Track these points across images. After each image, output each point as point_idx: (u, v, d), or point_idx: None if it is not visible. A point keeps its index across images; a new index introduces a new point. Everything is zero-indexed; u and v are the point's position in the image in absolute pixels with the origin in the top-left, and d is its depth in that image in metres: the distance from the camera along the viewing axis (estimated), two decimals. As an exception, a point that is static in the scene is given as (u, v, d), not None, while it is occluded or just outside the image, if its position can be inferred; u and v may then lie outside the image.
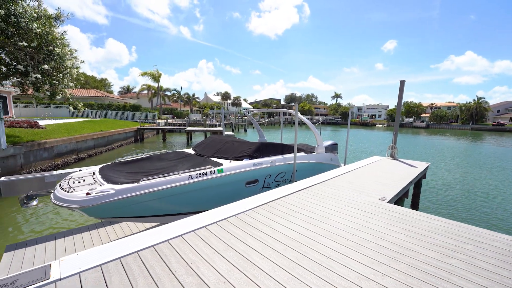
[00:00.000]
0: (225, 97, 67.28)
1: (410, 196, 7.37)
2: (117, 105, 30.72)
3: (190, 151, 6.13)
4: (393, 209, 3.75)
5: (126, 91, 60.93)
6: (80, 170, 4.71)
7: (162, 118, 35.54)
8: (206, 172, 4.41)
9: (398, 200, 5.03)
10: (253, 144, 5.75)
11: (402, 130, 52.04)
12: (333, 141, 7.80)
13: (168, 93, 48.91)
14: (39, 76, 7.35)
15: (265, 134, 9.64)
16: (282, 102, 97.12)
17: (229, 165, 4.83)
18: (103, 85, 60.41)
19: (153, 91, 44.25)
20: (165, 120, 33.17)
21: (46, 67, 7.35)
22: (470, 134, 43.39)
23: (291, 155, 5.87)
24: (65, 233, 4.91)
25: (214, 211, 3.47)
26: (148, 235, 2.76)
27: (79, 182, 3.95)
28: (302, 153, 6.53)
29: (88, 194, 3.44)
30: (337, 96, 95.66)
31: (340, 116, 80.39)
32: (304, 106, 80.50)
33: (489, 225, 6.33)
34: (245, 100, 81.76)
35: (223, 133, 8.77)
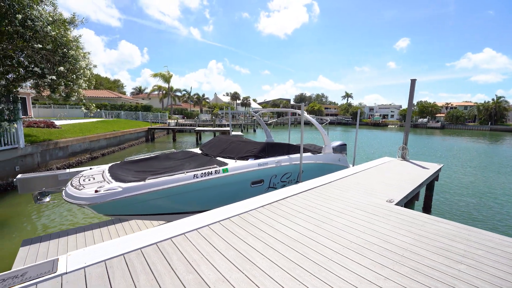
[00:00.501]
0: (235, 97, 67.64)
1: (422, 199, 7.16)
2: (129, 106, 31.53)
3: (197, 151, 6.20)
4: (401, 212, 3.65)
5: (138, 92, 62.46)
6: (91, 169, 4.86)
7: (173, 118, 36.16)
8: (211, 172, 4.45)
9: (408, 203, 4.89)
10: (259, 144, 5.75)
11: (416, 131, 50.53)
12: (342, 142, 7.68)
13: (179, 94, 49.73)
14: (55, 78, 7.65)
15: (274, 135, 9.62)
16: (292, 102, 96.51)
17: (234, 165, 4.85)
18: (116, 86, 62.13)
19: (164, 92, 45.12)
20: (175, 120, 33.75)
21: (62, 69, 7.64)
22: (489, 135, 41.54)
23: (298, 156, 5.82)
24: (77, 229, 5.09)
25: (218, 211, 3.50)
26: (152, 233, 2.81)
27: (89, 180, 4.09)
28: (309, 154, 6.46)
29: (97, 192, 3.55)
30: (348, 96, 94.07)
31: (351, 116, 78.97)
32: (314, 106, 79.63)
33: (505, 233, 6.04)
34: (255, 100, 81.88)
35: (230, 133, 8.82)
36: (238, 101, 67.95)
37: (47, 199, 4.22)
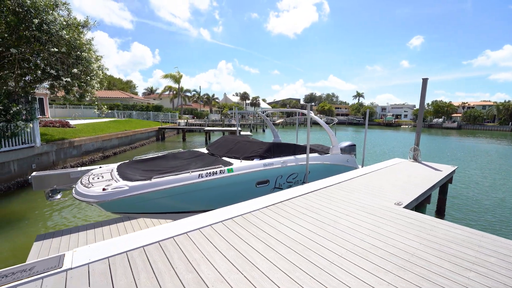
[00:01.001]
0: (244, 97, 67.87)
1: (435, 202, 6.91)
2: (141, 106, 32.28)
3: (204, 151, 6.26)
4: (409, 215, 3.53)
5: (150, 92, 63.82)
6: (100, 167, 5.00)
7: (183, 118, 36.72)
8: (216, 171, 4.47)
9: (419, 206, 4.73)
10: (265, 144, 5.73)
11: (431, 131, 48.90)
12: (351, 142, 7.53)
13: (189, 94, 50.45)
14: (69, 80, 7.95)
15: (282, 135, 9.58)
16: (302, 102, 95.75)
17: (239, 165, 4.85)
18: (129, 87, 63.79)
19: (174, 92, 45.88)
20: (185, 120, 34.23)
21: (75, 71, 7.93)
22: (510, 136, 39.57)
23: (304, 156, 5.76)
24: (88, 226, 5.25)
25: (221, 210, 3.51)
26: (155, 231, 2.85)
27: (98, 179, 4.20)
28: (316, 154, 6.37)
29: (104, 190, 3.64)
30: (359, 96, 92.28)
31: (362, 116, 77.37)
32: (324, 106, 78.64)
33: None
34: (264, 100, 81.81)
35: (237, 133, 8.84)
36: (248, 101, 68.12)
37: (58, 196, 4.38)
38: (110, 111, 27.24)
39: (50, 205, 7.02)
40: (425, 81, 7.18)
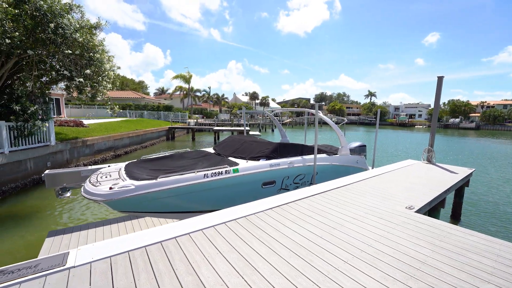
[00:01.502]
0: (253, 97, 67.89)
1: (450, 207, 6.60)
2: (152, 106, 32.91)
3: (210, 150, 6.25)
4: (421, 220, 3.36)
5: (161, 92, 65.04)
6: (109, 166, 5.09)
7: (193, 118, 37.15)
8: (221, 172, 4.44)
9: (432, 210, 4.51)
10: (271, 145, 5.65)
11: (447, 132, 47.08)
12: (361, 143, 7.32)
13: (199, 94, 50.99)
14: (82, 80, 8.18)
15: (291, 135, 9.47)
16: (312, 102, 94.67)
17: (245, 165, 4.81)
18: (141, 87, 65.27)
19: (185, 92, 46.49)
20: (195, 120, 34.62)
21: (88, 72, 8.15)
22: (533, 137, 37.47)
23: (311, 157, 5.63)
24: (97, 224, 5.36)
25: (225, 211, 3.47)
26: (158, 231, 2.85)
27: (106, 177, 4.27)
28: (324, 155, 6.23)
29: (111, 189, 3.69)
30: (371, 95, 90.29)
31: (374, 116, 75.59)
32: (335, 106, 77.39)
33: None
34: (273, 100, 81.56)
35: (244, 133, 8.80)
36: (257, 101, 68.09)
37: (68, 194, 4.49)
38: (122, 111, 27.93)
39: (61, 202, 7.24)
40: (441, 79, 6.87)
